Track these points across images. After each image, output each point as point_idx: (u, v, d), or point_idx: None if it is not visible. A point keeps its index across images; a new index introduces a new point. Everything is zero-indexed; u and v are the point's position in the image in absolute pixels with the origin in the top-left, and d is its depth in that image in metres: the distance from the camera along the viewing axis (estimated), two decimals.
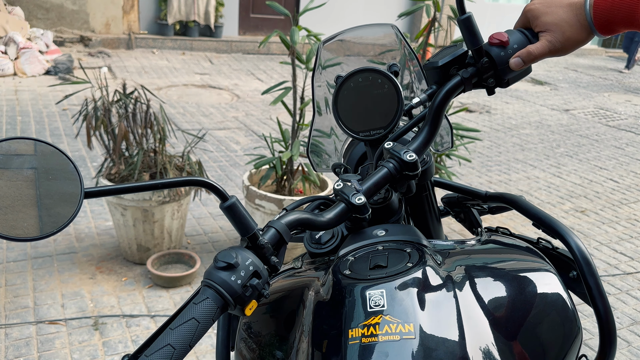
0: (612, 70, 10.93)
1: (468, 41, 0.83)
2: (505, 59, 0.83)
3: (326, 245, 0.90)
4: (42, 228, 0.62)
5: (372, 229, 0.84)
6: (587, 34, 0.80)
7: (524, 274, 0.79)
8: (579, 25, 0.80)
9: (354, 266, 0.75)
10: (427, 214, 1.00)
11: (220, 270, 0.67)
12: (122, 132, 2.51)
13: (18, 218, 0.61)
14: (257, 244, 0.71)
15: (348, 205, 0.81)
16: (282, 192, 2.86)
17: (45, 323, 2.29)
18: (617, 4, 0.77)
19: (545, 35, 0.82)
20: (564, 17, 0.80)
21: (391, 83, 0.95)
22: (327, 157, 1.14)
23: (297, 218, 0.77)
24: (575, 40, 0.81)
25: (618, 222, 3.95)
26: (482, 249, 0.85)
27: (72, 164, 0.64)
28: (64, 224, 0.63)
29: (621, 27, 0.78)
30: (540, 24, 0.82)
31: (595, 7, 0.78)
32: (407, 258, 0.73)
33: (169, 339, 0.61)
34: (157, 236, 2.69)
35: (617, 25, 0.78)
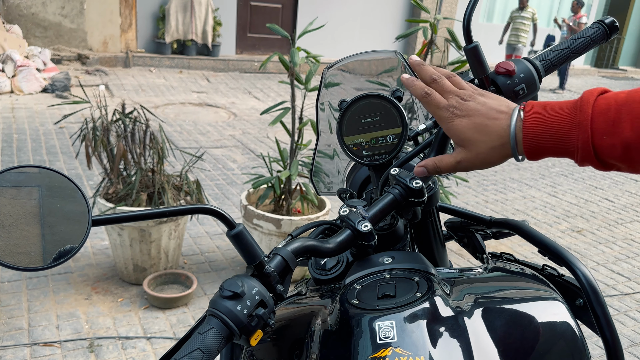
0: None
1: (475, 70, 0.83)
2: (512, 88, 0.83)
3: (331, 272, 0.89)
4: (46, 258, 0.61)
5: (378, 256, 0.84)
6: (506, 156, 0.71)
7: (533, 303, 0.79)
8: (500, 148, 0.70)
9: (362, 295, 0.74)
10: (432, 240, 1.00)
11: (226, 300, 0.67)
12: (120, 152, 2.50)
13: (22, 246, 0.60)
14: (263, 272, 0.71)
15: (354, 232, 0.80)
16: (280, 211, 2.85)
17: (40, 345, 2.26)
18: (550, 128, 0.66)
19: (458, 150, 0.73)
20: (484, 137, 0.70)
21: (395, 109, 0.95)
22: (330, 181, 1.14)
23: (303, 245, 0.77)
24: (489, 162, 0.71)
25: (614, 242, 3.96)
26: (489, 277, 0.84)
27: (80, 192, 0.63)
28: (71, 253, 0.63)
29: (553, 154, 0.68)
30: (455, 134, 0.73)
31: (525, 130, 0.67)
32: (415, 287, 0.73)
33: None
34: (153, 256, 2.67)
35: (549, 153, 0.68)
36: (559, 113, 0.66)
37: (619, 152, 0.63)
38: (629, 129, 0.61)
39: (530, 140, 0.67)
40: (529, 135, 0.67)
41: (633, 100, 0.62)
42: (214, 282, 2.83)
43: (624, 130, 0.61)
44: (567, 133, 0.65)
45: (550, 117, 0.66)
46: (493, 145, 0.70)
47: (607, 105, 0.63)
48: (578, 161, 0.67)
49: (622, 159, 0.63)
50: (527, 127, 0.67)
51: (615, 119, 0.62)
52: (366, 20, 10.33)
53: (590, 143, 0.64)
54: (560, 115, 0.66)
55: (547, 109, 0.67)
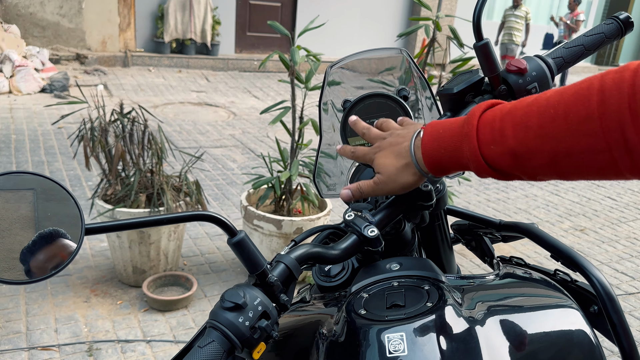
0: None
1: (485, 68, 0.80)
2: (524, 87, 0.80)
3: (336, 279, 0.86)
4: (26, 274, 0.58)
5: (386, 262, 0.80)
6: (418, 176, 0.72)
7: (547, 311, 0.76)
8: (405, 167, 0.72)
9: (369, 304, 0.71)
10: (440, 244, 0.97)
11: (226, 311, 0.63)
12: (119, 153, 2.47)
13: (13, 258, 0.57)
14: (266, 282, 0.68)
15: (360, 238, 0.77)
16: (281, 212, 2.82)
17: (38, 349, 2.22)
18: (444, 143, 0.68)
19: (375, 176, 0.76)
20: (392, 161, 0.73)
21: (401, 108, 0.92)
22: (333, 182, 1.10)
23: (307, 252, 0.74)
24: (402, 182, 0.73)
25: (618, 241, 3.92)
26: (501, 284, 0.81)
27: (73, 199, 0.60)
28: (64, 263, 0.59)
29: (453, 168, 0.69)
30: (375, 165, 0.76)
31: (423, 147, 0.70)
32: (425, 297, 0.70)
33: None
34: (153, 258, 2.63)
35: (449, 167, 0.69)
36: (451, 127, 0.68)
37: (508, 161, 0.63)
38: (512, 137, 0.62)
39: (428, 156, 0.70)
40: (427, 151, 0.70)
41: (515, 109, 0.63)
42: (215, 283, 2.80)
43: (508, 139, 0.62)
44: (457, 146, 0.67)
45: (444, 132, 0.69)
46: (398, 165, 0.73)
47: (492, 116, 0.64)
48: (475, 172, 0.67)
49: (514, 167, 0.64)
50: (424, 144, 0.70)
51: (500, 128, 0.63)
52: (366, 18, 10.29)
53: (478, 153, 0.65)
54: (451, 129, 0.68)
55: (442, 125, 0.70)
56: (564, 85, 0.80)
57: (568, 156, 0.59)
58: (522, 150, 0.61)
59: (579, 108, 0.57)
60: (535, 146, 0.60)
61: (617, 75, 0.55)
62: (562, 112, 0.59)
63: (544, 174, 0.63)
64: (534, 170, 0.63)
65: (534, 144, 0.60)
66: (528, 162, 0.62)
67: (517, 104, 0.64)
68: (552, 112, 0.59)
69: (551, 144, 0.59)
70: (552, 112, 0.60)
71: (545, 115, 0.60)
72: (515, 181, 0.70)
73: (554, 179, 0.64)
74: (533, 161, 0.61)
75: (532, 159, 0.61)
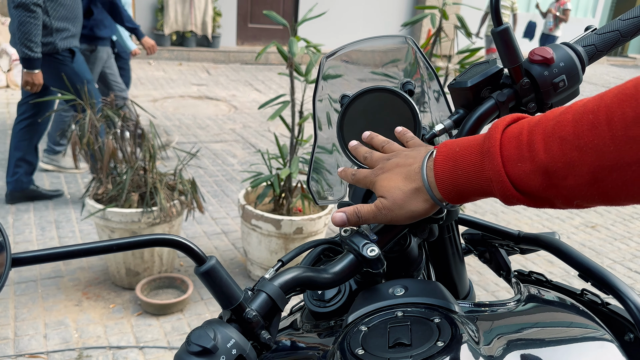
0: (615, 78, 10.84)
1: (505, 57, 0.68)
2: (550, 80, 0.68)
3: (331, 304, 0.74)
4: None
5: (388, 286, 0.69)
6: (430, 204, 0.61)
7: (578, 345, 0.64)
8: (415, 192, 0.61)
9: (369, 342, 0.59)
10: (451, 259, 0.85)
11: (193, 356, 0.52)
12: (109, 150, 2.35)
13: None
14: (243, 318, 0.56)
15: (358, 258, 0.66)
16: (280, 211, 2.71)
17: (26, 356, 2.13)
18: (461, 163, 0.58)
19: (377, 200, 0.65)
20: (399, 184, 0.62)
21: (406, 104, 0.80)
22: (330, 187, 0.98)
23: (295, 278, 0.62)
24: (410, 210, 0.62)
25: (630, 238, 3.79)
26: (523, 312, 0.69)
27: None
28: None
29: (472, 194, 0.59)
30: (377, 188, 0.65)
31: (436, 170, 0.59)
32: (436, 332, 0.58)
33: None
34: (146, 260, 2.53)
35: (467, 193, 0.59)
36: (469, 145, 0.58)
37: (540, 180, 0.53)
38: (543, 151, 0.52)
39: (443, 181, 0.59)
40: (440, 175, 0.59)
41: (546, 119, 0.53)
42: None
43: (538, 153, 0.52)
44: (477, 166, 0.56)
45: (461, 151, 0.58)
46: (406, 190, 0.62)
47: (519, 129, 0.55)
48: (500, 197, 0.56)
49: (546, 188, 0.53)
50: (437, 167, 0.59)
51: (528, 142, 0.53)
52: (370, 8, 10.11)
53: (503, 172, 0.54)
54: (470, 147, 0.58)
55: (459, 144, 0.59)
56: None
57: (613, 170, 0.48)
58: (556, 166, 0.51)
59: (625, 109, 0.46)
60: (572, 160, 0.49)
61: None
62: (603, 117, 0.48)
63: (583, 195, 0.51)
64: (570, 190, 0.51)
65: (570, 158, 0.49)
66: (563, 181, 0.51)
67: (547, 114, 0.53)
68: (592, 117, 0.49)
69: (592, 156, 0.48)
70: (590, 117, 0.49)
71: (582, 122, 0.49)
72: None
73: (595, 202, 0.52)
74: (569, 179, 0.50)
75: (569, 177, 0.50)
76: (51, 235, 3.05)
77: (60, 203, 3.45)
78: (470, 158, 0.57)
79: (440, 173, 0.59)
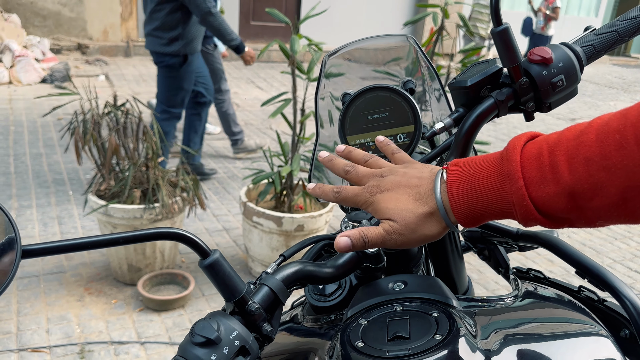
0: (617, 78, 10.82)
1: (504, 57, 0.69)
2: (548, 79, 0.69)
3: (331, 298, 0.75)
4: None
5: (388, 281, 0.70)
6: (443, 227, 0.59)
7: (574, 340, 0.65)
8: (428, 216, 0.59)
9: (368, 335, 0.61)
10: (450, 255, 0.86)
11: (197, 347, 0.53)
12: (112, 146, 2.37)
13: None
14: (246, 310, 0.57)
15: (359, 253, 0.67)
16: (281, 208, 2.72)
17: (28, 351, 2.14)
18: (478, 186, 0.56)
19: (385, 223, 0.60)
20: (409, 206, 0.59)
21: (407, 103, 0.81)
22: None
23: (296, 272, 0.63)
24: (423, 233, 0.59)
25: (631, 238, 3.80)
26: (520, 307, 0.71)
27: (8, 218, 0.50)
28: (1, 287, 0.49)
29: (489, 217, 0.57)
30: (379, 209, 0.61)
31: (451, 193, 0.57)
32: (434, 327, 0.59)
33: None
34: (148, 256, 2.54)
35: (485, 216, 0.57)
36: (485, 167, 0.56)
37: (564, 203, 0.52)
38: (568, 173, 0.51)
39: (459, 204, 0.57)
40: (456, 198, 0.57)
41: (567, 139, 0.52)
42: None
43: (563, 175, 0.51)
44: (497, 189, 0.54)
45: (476, 174, 0.56)
46: (419, 213, 0.59)
47: (538, 150, 0.53)
48: (521, 221, 0.55)
49: (570, 210, 0.52)
50: (452, 190, 0.57)
51: (551, 163, 0.52)
52: (372, 6, 10.11)
53: (526, 196, 0.53)
54: (486, 169, 0.56)
55: (471, 164, 0.57)
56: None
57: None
58: (582, 187, 0.50)
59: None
60: (599, 181, 0.49)
61: None
62: (632, 136, 0.47)
63: (608, 216, 0.51)
64: (595, 212, 0.51)
65: (597, 179, 0.49)
66: (589, 202, 0.50)
67: (566, 133, 0.53)
68: (618, 137, 0.48)
69: (621, 177, 0.48)
70: (617, 137, 0.48)
71: (608, 142, 0.49)
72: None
73: (619, 222, 0.51)
74: (596, 200, 0.50)
75: (595, 198, 0.50)
76: (53, 231, 3.07)
77: (62, 199, 3.47)
78: (488, 181, 0.55)
79: (456, 197, 0.57)
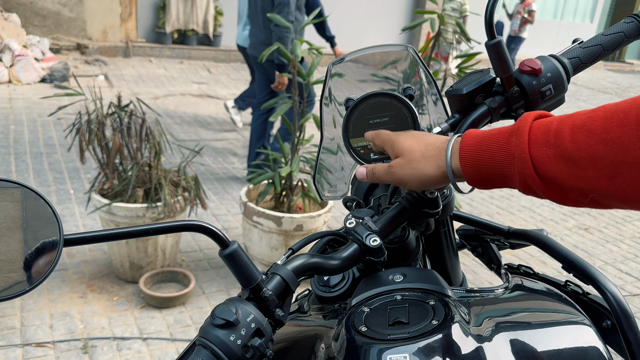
0: (611, 83, 10.93)
1: (497, 68, 0.75)
2: (537, 89, 0.75)
3: (336, 289, 0.81)
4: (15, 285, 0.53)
5: (388, 273, 0.76)
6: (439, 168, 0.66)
7: (559, 328, 0.71)
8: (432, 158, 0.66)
9: (371, 320, 0.66)
10: (445, 252, 0.92)
11: (217, 328, 0.59)
12: (116, 146, 2.42)
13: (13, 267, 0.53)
14: (260, 296, 0.63)
15: (361, 247, 0.73)
16: (281, 208, 2.78)
17: (32, 346, 2.19)
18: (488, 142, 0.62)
19: (392, 161, 0.71)
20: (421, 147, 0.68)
21: (407, 108, 0.87)
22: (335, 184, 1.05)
23: (305, 263, 0.69)
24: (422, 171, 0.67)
25: (622, 241, 3.88)
26: (510, 298, 0.77)
27: (52, 209, 0.55)
28: (42, 277, 0.55)
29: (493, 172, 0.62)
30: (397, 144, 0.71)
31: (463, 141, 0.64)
32: (430, 313, 0.65)
33: None
34: (150, 254, 2.59)
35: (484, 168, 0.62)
36: (500, 130, 0.63)
37: (561, 166, 0.56)
38: (570, 140, 0.56)
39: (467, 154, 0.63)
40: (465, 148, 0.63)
41: (578, 115, 0.58)
42: (213, 280, 2.76)
43: (564, 141, 0.56)
44: (504, 142, 0.61)
45: (491, 132, 0.63)
46: (425, 152, 0.67)
47: (549, 120, 0.59)
48: (518, 178, 0.60)
49: (565, 175, 0.56)
50: (464, 142, 0.64)
51: (557, 130, 0.57)
52: (370, 11, 10.19)
53: (527, 151, 0.58)
54: (501, 131, 0.62)
55: (485, 131, 0.65)
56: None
57: (634, 167, 0.52)
58: (580, 154, 0.55)
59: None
60: (596, 152, 0.53)
61: None
62: (634, 117, 0.52)
63: (600, 189, 0.55)
64: (588, 182, 0.55)
65: (595, 150, 0.54)
66: (584, 171, 0.55)
67: (579, 112, 0.58)
68: (622, 116, 0.53)
69: (616, 151, 0.53)
70: (621, 116, 0.53)
71: (613, 119, 0.54)
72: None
73: (610, 199, 0.55)
74: (590, 170, 0.54)
75: (590, 168, 0.54)
76: None
77: (63, 198, 3.51)
78: (499, 137, 0.61)
79: (466, 147, 0.63)
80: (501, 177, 0.61)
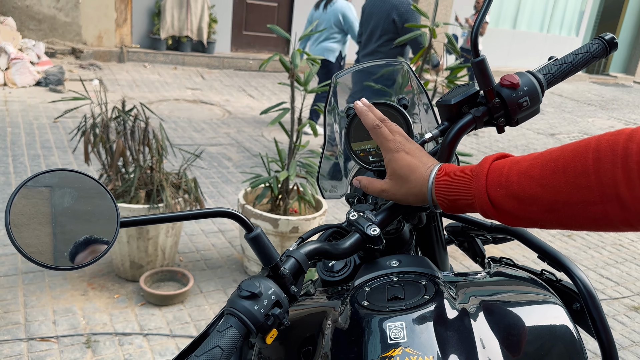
0: (596, 95, 11.19)
1: (481, 82, 0.87)
2: (516, 100, 0.87)
3: (339, 274, 0.92)
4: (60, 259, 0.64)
5: (386, 260, 0.87)
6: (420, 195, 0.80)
7: (533, 306, 0.82)
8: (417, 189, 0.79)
9: (371, 297, 0.78)
10: (435, 244, 1.03)
11: (243, 299, 0.69)
12: (119, 149, 2.51)
13: (57, 249, 0.63)
14: (279, 274, 0.74)
15: (363, 236, 0.84)
16: (277, 211, 2.88)
17: (37, 340, 2.27)
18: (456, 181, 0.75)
19: (387, 181, 0.83)
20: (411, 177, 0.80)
21: (401, 116, 0.99)
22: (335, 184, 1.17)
23: (316, 248, 0.80)
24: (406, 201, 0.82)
25: (604, 247, 4.03)
26: (491, 281, 0.88)
27: (110, 196, 0.66)
28: (101, 253, 0.65)
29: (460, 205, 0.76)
30: (392, 165, 0.82)
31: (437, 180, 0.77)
32: (423, 290, 0.76)
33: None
34: (150, 253, 2.68)
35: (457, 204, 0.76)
36: (465, 170, 0.76)
37: (511, 203, 0.70)
38: (516, 183, 0.69)
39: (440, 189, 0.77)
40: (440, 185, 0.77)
41: (523, 160, 0.71)
42: (210, 280, 2.85)
43: (513, 184, 0.69)
44: (467, 184, 0.74)
45: (459, 172, 0.76)
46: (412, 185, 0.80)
47: (502, 164, 0.72)
48: (480, 210, 0.74)
49: (516, 210, 0.70)
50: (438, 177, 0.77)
51: (507, 174, 0.70)
52: None
53: (484, 192, 0.72)
54: (465, 171, 0.75)
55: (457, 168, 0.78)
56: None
57: (565, 205, 0.66)
58: (524, 195, 0.68)
59: (577, 164, 0.65)
60: (536, 194, 0.67)
61: (612, 137, 0.62)
62: (561, 166, 0.66)
63: (545, 220, 0.69)
64: (534, 214, 0.69)
65: (535, 192, 0.67)
66: (529, 207, 0.69)
67: (525, 156, 0.72)
68: (553, 165, 0.67)
69: (551, 193, 0.66)
70: (552, 165, 0.67)
71: (547, 167, 0.67)
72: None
73: (555, 226, 0.70)
74: (533, 207, 0.68)
75: (533, 204, 0.68)
76: None
77: None
78: (464, 178, 0.75)
79: (440, 183, 0.77)
80: (468, 207, 0.76)
